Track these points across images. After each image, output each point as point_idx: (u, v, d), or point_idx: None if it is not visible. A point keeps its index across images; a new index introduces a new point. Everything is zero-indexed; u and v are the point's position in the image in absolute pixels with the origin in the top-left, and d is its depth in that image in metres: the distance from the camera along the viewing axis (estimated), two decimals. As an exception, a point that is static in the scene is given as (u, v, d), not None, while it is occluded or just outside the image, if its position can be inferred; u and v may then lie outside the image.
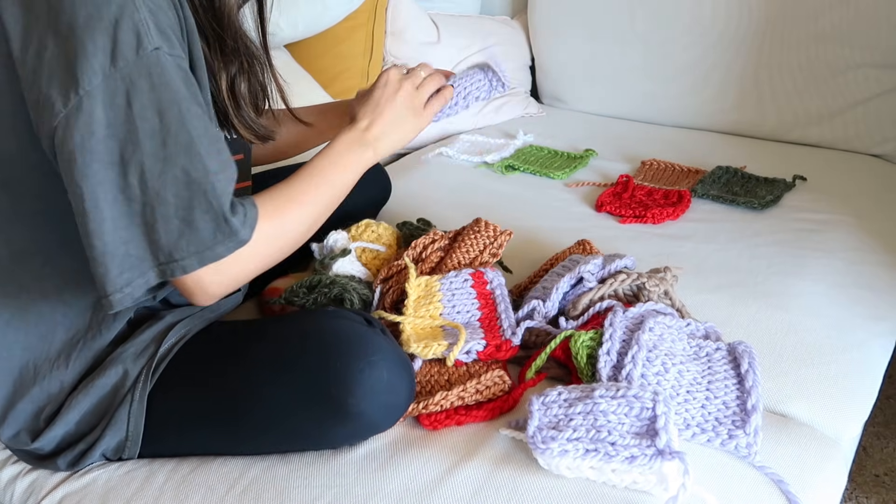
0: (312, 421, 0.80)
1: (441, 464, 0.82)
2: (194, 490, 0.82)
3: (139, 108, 0.70)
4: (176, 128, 0.71)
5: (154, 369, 0.84)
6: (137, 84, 0.70)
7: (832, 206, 1.37)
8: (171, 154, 0.71)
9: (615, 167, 1.57)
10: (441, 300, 1.01)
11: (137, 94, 0.70)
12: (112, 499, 0.82)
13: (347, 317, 0.87)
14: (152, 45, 0.70)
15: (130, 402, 0.83)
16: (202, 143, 0.72)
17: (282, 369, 0.81)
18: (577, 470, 0.77)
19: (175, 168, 0.71)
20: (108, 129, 0.70)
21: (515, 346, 0.96)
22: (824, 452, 0.87)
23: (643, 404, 0.79)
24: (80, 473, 0.86)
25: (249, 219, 0.76)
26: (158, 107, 0.71)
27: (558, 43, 1.93)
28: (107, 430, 0.83)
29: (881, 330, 1.07)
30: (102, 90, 0.69)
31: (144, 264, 0.73)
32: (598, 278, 1.02)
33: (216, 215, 0.73)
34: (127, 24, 0.69)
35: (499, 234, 1.10)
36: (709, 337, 0.95)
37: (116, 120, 0.70)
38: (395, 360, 0.81)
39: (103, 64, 0.69)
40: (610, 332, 0.91)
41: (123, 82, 0.69)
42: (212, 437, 0.86)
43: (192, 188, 0.72)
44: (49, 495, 0.85)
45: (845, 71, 1.60)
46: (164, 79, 0.71)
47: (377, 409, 0.79)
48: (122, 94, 0.70)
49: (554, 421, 0.80)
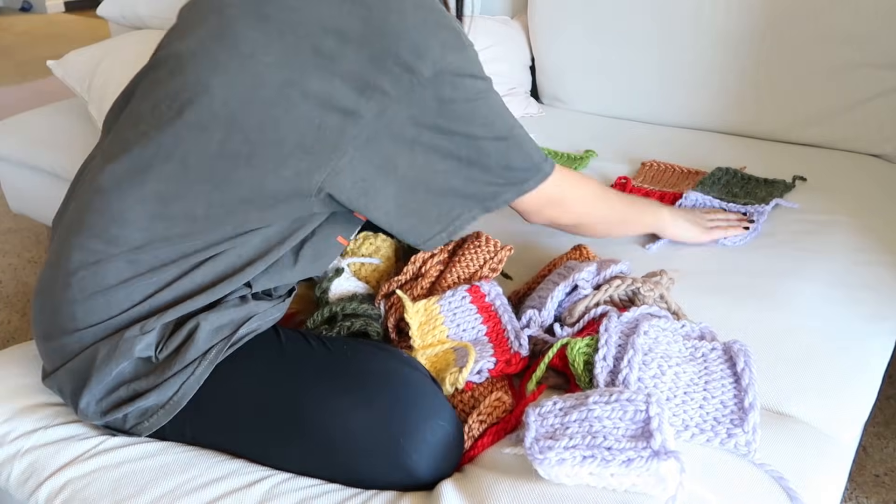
0: (366, 463, 0.80)
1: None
2: (212, 485, 0.81)
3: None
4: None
5: (223, 351, 0.84)
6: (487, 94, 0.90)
7: (832, 206, 1.37)
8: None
9: (615, 168, 1.57)
10: (444, 322, 1.00)
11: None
12: (124, 485, 0.80)
13: (418, 367, 0.88)
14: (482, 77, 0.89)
15: (190, 375, 0.83)
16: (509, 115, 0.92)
17: (354, 404, 0.81)
18: (577, 477, 0.77)
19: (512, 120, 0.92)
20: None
21: (525, 358, 0.96)
22: (824, 452, 0.87)
23: (637, 407, 0.79)
24: (86, 457, 0.84)
25: (550, 161, 0.96)
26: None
27: (558, 43, 1.93)
28: (153, 391, 0.82)
29: (881, 330, 1.07)
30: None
31: (506, 181, 0.92)
32: (593, 285, 1.02)
33: (526, 155, 0.92)
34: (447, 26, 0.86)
35: (499, 250, 1.10)
36: (704, 338, 0.95)
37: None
38: (456, 423, 0.84)
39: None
40: (605, 338, 0.91)
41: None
42: (248, 439, 0.85)
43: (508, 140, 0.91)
44: (51, 478, 0.82)
45: (845, 71, 1.60)
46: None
47: (434, 469, 0.81)
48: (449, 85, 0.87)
49: (550, 430, 0.81)
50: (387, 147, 0.84)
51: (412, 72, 0.81)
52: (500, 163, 0.90)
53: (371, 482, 0.81)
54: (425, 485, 0.82)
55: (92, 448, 0.85)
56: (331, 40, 0.82)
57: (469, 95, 0.86)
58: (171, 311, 0.84)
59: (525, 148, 0.92)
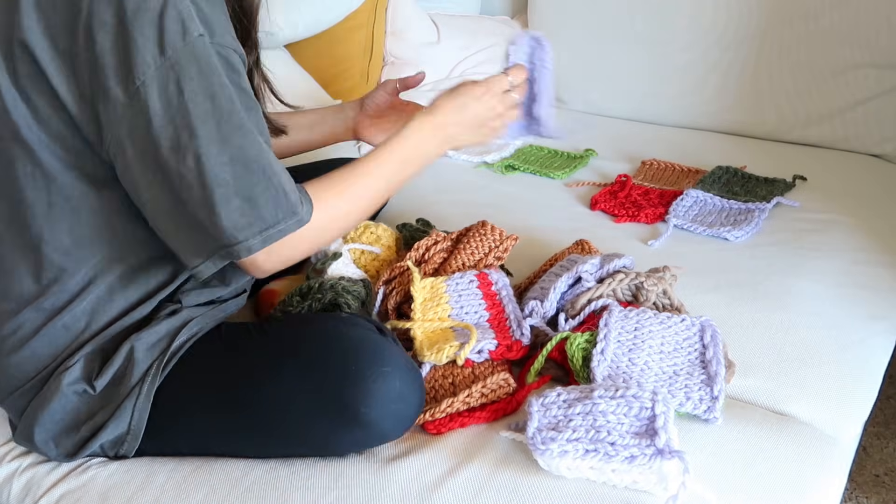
0: (321, 427, 0.80)
1: (441, 466, 0.82)
2: (195, 490, 0.82)
3: (190, 94, 0.73)
4: (228, 109, 0.74)
5: (164, 365, 0.83)
6: (187, 70, 0.73)
7: (832, 206, 1.37)
8: (225, 135, 0.74)
9: (615, 167, 1.57)
10: (448, 301, 1.01)
11: (187, 80, 0.73)
12: (112, 497, 0.82)
13: (360, 324, 0.87)
14: (197, 32, 0.73)
15: (137, 396, 0.82)
16: (254, 124, 0.76)
17: (294, 373, 0.81)
18: (577, 470, 0.78)
19: (232, 148, 0.74)
20: (164, 116, 0.73)
21: (526, 346, 0.95)
22: (824, 452, 0.87)
23: (642, 404, 0.79)
24: (79, 471, 0.85)
25: (306, 197, 0.80)
26: (209, 90, 0.74)
27: (558, 43, 1.92)
28: (109, 421, 0.82)
29: (881, 330, 1.07)
30: (155, 79, 0.72)
31: (211, 247, 0.76)
32: (597, 278, 1.02)
33: (276, 191, 0.76)
34: (172, 13, 0.72)
35: (504, 239, 1.10)
36: (704, 332, 0.95)
37: (170, 107, 0.73)
38: (407, 371, 0.82)
39: (154, 54, 0.72)
40: (604, 333, 0.91)
41: (174, 70, 0.72)
42: (216, 437, 0.85)
43: (250, 167, 0.75)
44: (47, 494, 0.84)
45: (845, 71, 1.60)
46: (211, 63, 0.74)
47: (387, 419, 0.80)
48: (174, 82, 0.72)
49: (553, 422, 0.81)
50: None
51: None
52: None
53: (335, 447, 0.82)
54: (391, 436, 0.82)
55: (84, 463, 0.87)
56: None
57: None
58: (91, 341, 0.83)
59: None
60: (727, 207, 1.35)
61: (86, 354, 0.83)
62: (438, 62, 1.86)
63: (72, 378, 0.82)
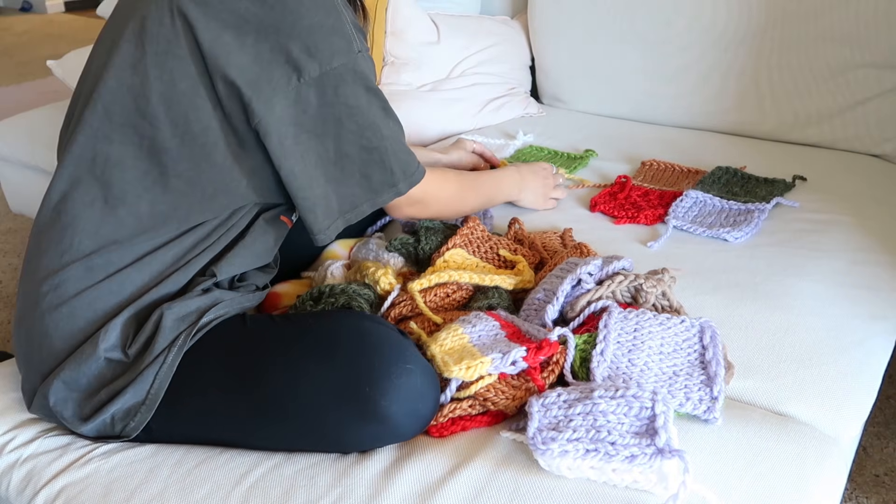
0: (340, 418, 0.81)
1: (443, 466, 0.82)
2: (199, 485, 0.82)
3: (343, 96, 0.90)
4: (366, 109, 0.92)
5: (192, 338, 0.85)
6: (345, 78, 0.89)
7: (832, 206, 1.37)
8: (361, 127, 0.91)
9: (615, 167, 1.57)
10: (462, 331, 0.95)
11: (344, 86, 0.90)
12: (115, 490, 0.82)
13: (384, 323, 0.89)
14: (357, 48, 0.91)
15: (161, 364, 0.84)
16: (385, 117, 0.94)
17: (318, 363, 0.82)
18: (578, 470, 0.78)
19: (362, 138, 0.91)
20: (318, 109, 0.89)
21: (555, 342, 0.93)
22: (824, 452, 0.87)
23: (642, 404, 0.79)
24: (81, 463, 0.85)
25: (414, 177, 0.98)
26: (356, 96, 0.91)
27: (558, 43, 1.93)
28: (129, 387, 0.83)
29: (881, 330, 1.07)
30: (318, 83, 0.88)
31: (335, 212, 0.93)
32: (597, 280, 1.02)
33: (385, 170, 0.94)
34: (341, 32, 0.89)
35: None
36: (704, 333, 0.95)
37: (325, 104, 0.89)
38: (428, 371, 0.84)
39: (322, 63, 0.88)
40: (604, 334, 0.91)
41: (335, 78, 0.89)
42: (229, 423, 0.86)
43: (371, 152, 0.92)
44: (48, 485, 0.84)
45: (845, 71, 1.60)
46: (363, 73, 0.91)
47: (406, 416, 0.81)
48: (332, 87, 0.89)
49: (554, 422, 0.81)
50: (272, 143, 0.88)
51: (300, 71, 0.87)
52: (361, 171, 0.93)
53: (347, 441, 0.83)
54: (404, 435, 0.83)
55: (86, 454, 0.87)
56: (229, 34, 0.86)
57: (349, 102, 0.90)
58: (129, 307, 0.86)
59: (389, 161, 0.94)
60: (727, 208, 1.35)
61: (124, 320, 0.86)
62: (438, 62, 1.86)
63: (109, 344, 0.85)
